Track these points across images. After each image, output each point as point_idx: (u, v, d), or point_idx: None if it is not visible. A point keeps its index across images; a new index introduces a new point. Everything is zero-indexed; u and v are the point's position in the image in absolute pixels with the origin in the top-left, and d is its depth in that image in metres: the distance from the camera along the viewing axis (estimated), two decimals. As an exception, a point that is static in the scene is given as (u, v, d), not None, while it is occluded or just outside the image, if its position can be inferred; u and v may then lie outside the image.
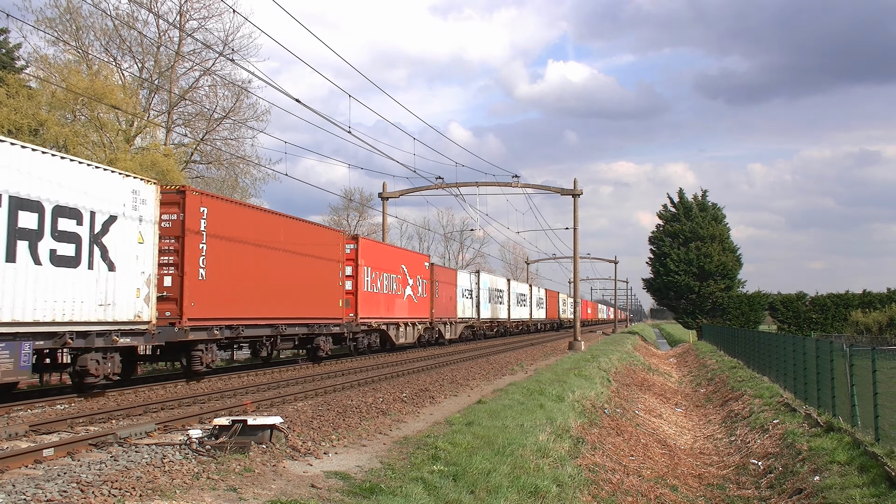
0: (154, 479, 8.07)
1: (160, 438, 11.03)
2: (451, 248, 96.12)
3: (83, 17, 34.48)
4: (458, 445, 11.36)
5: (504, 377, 22.68)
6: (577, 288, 46.03)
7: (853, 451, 12.29)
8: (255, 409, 14.41)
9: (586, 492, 11.38)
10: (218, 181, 39.59)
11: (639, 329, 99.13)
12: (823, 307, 54.82)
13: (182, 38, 36.93)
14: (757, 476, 14.00)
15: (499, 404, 15.81)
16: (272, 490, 8.23)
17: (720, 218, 65.50)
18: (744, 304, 59.65)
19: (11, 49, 34.50)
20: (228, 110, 38.68)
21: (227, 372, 22.99)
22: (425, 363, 27.63)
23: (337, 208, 73.02)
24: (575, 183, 42.82)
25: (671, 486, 13.38)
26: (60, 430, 12.03)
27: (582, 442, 14.15)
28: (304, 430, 11.63)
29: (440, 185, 40.06)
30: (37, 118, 28.94)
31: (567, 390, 18.89)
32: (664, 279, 63.65)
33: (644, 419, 20.60)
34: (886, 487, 10.17)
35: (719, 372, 31.33)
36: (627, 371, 31.54)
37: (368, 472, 9.59)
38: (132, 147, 33.67)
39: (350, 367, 25.47)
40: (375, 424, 13.02)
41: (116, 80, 34.05)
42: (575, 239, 43.97)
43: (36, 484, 7.88)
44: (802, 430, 15.24)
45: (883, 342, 39.35)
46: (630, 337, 61.84)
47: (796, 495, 11.75)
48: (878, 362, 12.46)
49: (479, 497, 9.31)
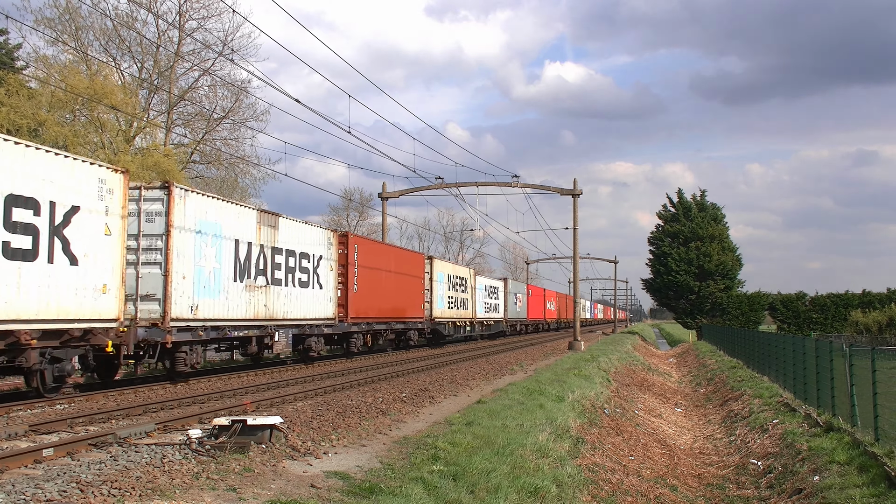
0: (154, 479, 8.07)
1: (160, 438, 11.03)
2: (451, 248, 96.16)
3: (82, 17, 34.52)
4: (457, 445, 11.36)
5: (504, 377, 22.69)
6: (576, 288, 46.04)
7: (853, 450, 12.29)
8: (254, 409, 14.40)
9: (586, 492, 11.38)
10: (217, 181, 39.60)
11: (638, 329, 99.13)
12: (823, 307, 54.87)
13: (181, 38, 36.96)
14: (756, 476, 14.00)
15: (498, 404, 15.81)
16: (272, 490, 8.23)
17: (719, 218, 65.53)
18: (744, 304, 59.69)
19: (11, 49, 34.51)
20: (228, 110, 38.73)
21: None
22: (425, 363, 27.64)
23: (337, 208, 73.15)
24: (574, 183, 42.82)
25: (671, 486, 13.39)
26: (60, 430, 12.02)
27: (582, 442, 14.16)
28: (304, 430, 11.63)
29: (440, 185, 40.06)
30: (36, 118, 28.95)
31: (567, 390, 18.90)
32: (664, 279, 63.66)
33: (644, 419, 20.60)
34: (886, 487, 10.17)
35: (719, 372, 31.33)
36: (627, 371, 31.54)
37: (368, 471, 9.59)
38: (132, 147, 33.68)
39: (347, 367, 25.50)
40: (375, 424, 13.02)
41: (116, 80, 34.07)
42: (575, 239, 43.98)
43: (36, 484, 7.88)
44: (802, 430, 15.25)
45: (883, 342, 39.38)
46: (630, 337, 61.84)
47: (796, 495, 11.75)
48: (878, 362, 12.46)
49: (479, 497, 9.31)
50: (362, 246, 29.31)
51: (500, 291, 55.99)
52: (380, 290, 30.53)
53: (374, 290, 29.92)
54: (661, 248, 65.07)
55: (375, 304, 29.98)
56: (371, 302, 29.48)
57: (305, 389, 17.82)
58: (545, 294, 78.84)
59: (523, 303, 64.64)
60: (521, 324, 64.67)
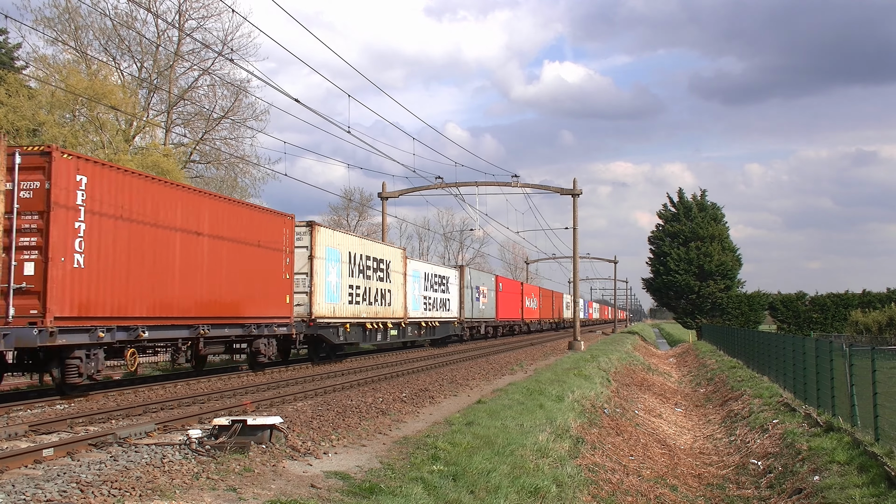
0: (154, 479, 8.07)
1: (160, 438, 11.03)
2: (450, 247, 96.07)
3: (82, 16, 34.52)
4: (457, 445, 11.35)
5: (504, 377, 22.69)
6: (576, 287, 46.05)
7: (853, 450, 12.29)
8: (254, 409, 14.40)
9: (586, 492, 11.38)
10: (217, 181, 39.60)
11: (638, 329, 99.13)
12: (823, 307, 54.88)
13: (181, 38, 36.96)
14: (757, 476, 14.00)
15: (498, 404, 15.81)
16: (272, 490, 8.22)
17: (719, 217, 65.53)
18: (744, 304, 59.70)
19: (11, 49, 34.50)
20: (227, 110, 38.73)
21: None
22: (425, 363, 27.64)
23: (337, 208, 73.16)
24: (574, 183, 42.83)
25: (671, 486, 13.39)
26: (60, 430, 12.02)
27: (581, 442, 14.15)
28: (304, 430, 11.63)
29: (439, 185, 40.05)
30: (36, 118, 28.94)
31: (567, 390, 18.89)
32: (664, 279, 63.65)
33: (644, 419, 20.60)
34: (886, 487, 10.17)
35: (719, 372, 31.34)
36: (627, 371, 31.54)
37: (368, 472, 9.59)
38: (132, 147, 33.68)
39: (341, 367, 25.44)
40: (375, 424, 13.02)
41: (115, 79, 34.06)
42: (574, 238, 43.98)
43: (36, 484, 7.88)
44: (802, 430, 15.25)
45: (882, 342, 39.37)
46: (630, 337, 61.83)
47: (796, 495, 11.75)
48: (878, 362, 12.46)
49: (479, 497, 9.31)
50: (100, 176, 15.96)
51: (452, 282, 43.64)
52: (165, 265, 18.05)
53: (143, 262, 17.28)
54: (662, 248, 65.06)
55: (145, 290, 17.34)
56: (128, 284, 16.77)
57: (305, 389, 17.83)
58: (523, 289, 63.71)
59: (490, 298, 51.42)
60: (488, 325, 51.51)
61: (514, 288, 60.58)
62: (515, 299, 59.83)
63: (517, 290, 61.56)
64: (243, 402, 15.07)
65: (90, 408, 14.77)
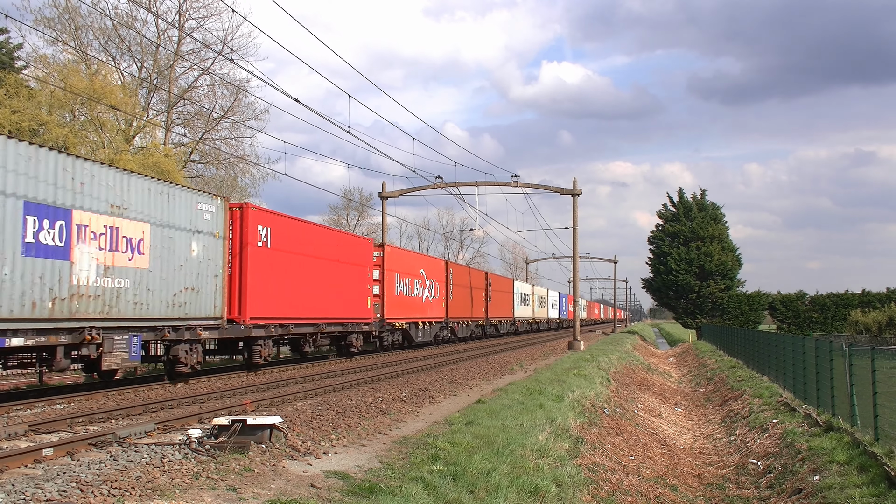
0: (154, 479, 8.07)
1: (160, 438, 11.03)
2: (450, 247, 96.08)
3: (82, 16, 34.51)
4: (457, 445, 11.35)
5: (504, 377, 22.68)
6: (576, 287, 46.03)
7: (852, 450, 12.29)
8: (254, 408, 14.40)
9: (586, 491, 11.38)
10: (217, 180, 39.60)
11: (638, 329, 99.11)
12: (823, 307, 54.88)
13: (181, 38, 36.95)
14: (756, 476, 14.00)
15: (498, 404, 15.80)
16: (272, 490, 8.22)
17: (719, 217, 65.52)
18: (743, 304, 59.69)
19: (11, 49, 34.47)
20: (227, 110, 38.73)
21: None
22: (425, 363, 27.64)
23: (336, 208, 73.11)
24: (574, 182, 42.82)
25: (671, 486, 13.39)
26: (60, 430, 12.03)
27: (581, 441, 14.15)
28: (304, 430, 11.62)
29: (439, 185, 40.03)
30: (37, 119, 28.93)
31: (566, 390, 18.89)
32: (664, 279, 63.65)
33: (643, 419, 20.60)
34: (886, 487, 10.17)
35: (719, 371, 31.34)
36: (627, 371, 31.54)
37: (368, 471, 9.58)
38: (131, 147, 33.67)
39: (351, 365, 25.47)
40: (375, 424, 13.01)
41: (115, 79, 34.07)
42: (574, 238, 43.97)
43: (35, 483, 7.88)
44: (802, 430, 15.25)
45: (882, 342, 39.37)
46: (629, 337, 61.83)
47: (796, 495, 11.75)
48: (878, 362, 12.47)
49: (479, 497, 9.31)
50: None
51: None
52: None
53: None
54: (661, 248, 65.06)
55: None
56: None
57: (305, 389, 17.83)
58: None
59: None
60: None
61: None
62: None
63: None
64: (243, 401, 15.08)
65: (90, 407, 14.78)
